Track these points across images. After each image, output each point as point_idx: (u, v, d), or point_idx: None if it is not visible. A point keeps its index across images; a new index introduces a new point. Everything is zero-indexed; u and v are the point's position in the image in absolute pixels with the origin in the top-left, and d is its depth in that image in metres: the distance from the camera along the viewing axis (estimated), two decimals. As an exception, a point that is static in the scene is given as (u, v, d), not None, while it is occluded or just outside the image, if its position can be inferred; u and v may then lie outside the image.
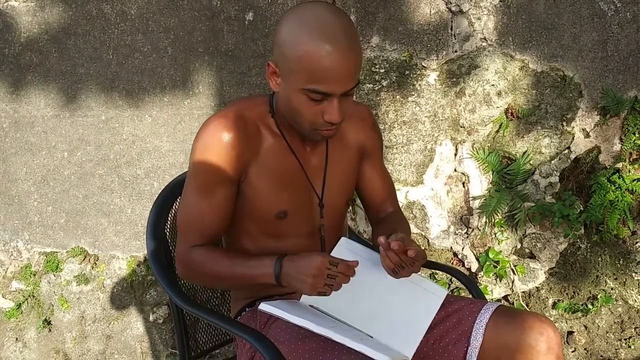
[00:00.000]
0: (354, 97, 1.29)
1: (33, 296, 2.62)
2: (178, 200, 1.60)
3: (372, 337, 1.28)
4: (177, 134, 2.44)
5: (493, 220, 2.30)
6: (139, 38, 2.43)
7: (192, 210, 1.35)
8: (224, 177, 1.31)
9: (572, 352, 2.27)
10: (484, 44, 2.25)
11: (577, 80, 2.23)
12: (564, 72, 2.23)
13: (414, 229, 2.36)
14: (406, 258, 1.26)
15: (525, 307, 2.31)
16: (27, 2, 2.49)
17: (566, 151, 2.27)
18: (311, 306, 1.32)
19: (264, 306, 1.20)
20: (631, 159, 2.22)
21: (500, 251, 2.30)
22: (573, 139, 2.26)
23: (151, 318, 2.54)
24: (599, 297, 2.24)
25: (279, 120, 1.35)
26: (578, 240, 2.27)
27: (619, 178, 2.19)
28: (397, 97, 2.31)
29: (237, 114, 1.32)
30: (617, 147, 2.24)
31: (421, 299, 1.32)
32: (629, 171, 2.21)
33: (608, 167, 2.24)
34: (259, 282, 1.29)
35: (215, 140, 1.29)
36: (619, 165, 2.22)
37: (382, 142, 1.58)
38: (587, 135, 2.26)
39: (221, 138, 1.28)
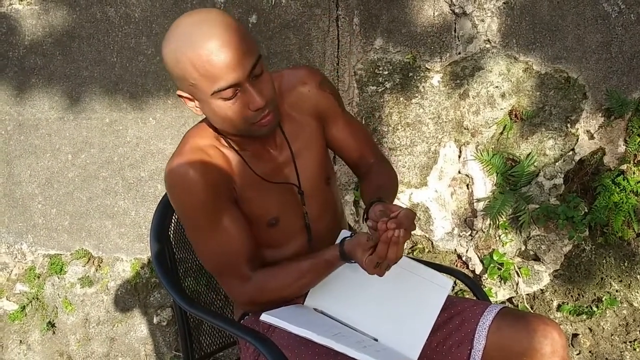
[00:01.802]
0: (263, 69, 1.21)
1: (37, 298, 2.62)
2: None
3: (376, 341, 1.27)
4: (180, 136, 2.43)
5: (497, 222, 2.30)
6: (142, 41, 2.43)
7: (216, 252, 1.30)
8: (219, 204, 1.28)
9: (577, 354, 2.27)
10: (488, 45, 2.25)
11: (581, 82, 2.22)
12: (568, 73, 2.23)
13: (418, 232, 2.36)
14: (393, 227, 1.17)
15: (530, 309, 2.31)
16: (32, 5, 2.50)
17: (570, 153, 2.26)
18: (316, 309, 1.32)
19: (265, 317, 1.19)
20: (636, 161, 2.22)
21: (505, 253, 2.30)
22: (577, 140, 2.26)
23: (155, 320, 2.54)
24: (603, 299, 2.23)
25: (229, 137, 1.31)
26: (583, 242, 2.26)
27: (624, 180, 2.19)
28: (401, 99, 2.31)
29: (191, 146, 1.29)
30: (622, 148, 2.24)
31: (426, 293, 1.30)
32: (634, 173, 2.20)
33: (612, 168, 2.24)
34: (332, 268, 1.29)
35: (188, 178, 1.24)
36: (624, 167, 2.22)
37: (338, 96, 1.46)
38: (592, 137, 2.25)
39: (191, 174, 1.24)
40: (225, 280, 1.34)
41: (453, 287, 2.35)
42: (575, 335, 2.27)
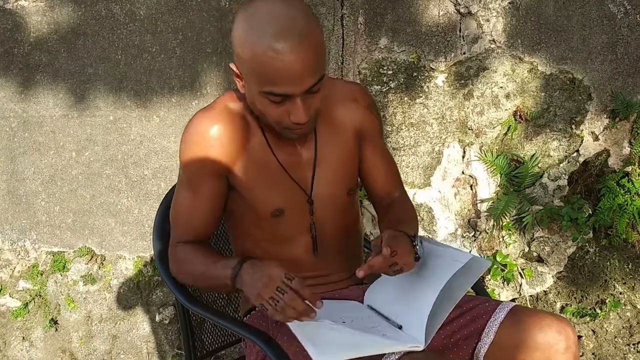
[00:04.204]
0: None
1: (40, 296, 2.62)
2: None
3: (401, 328, 1.26)
4: (184, 134, 2.44)
5: (501, 223, 2.29)
6: (147, 38, 2.43)
7: (180, 204, 1.36)
8: (210, 170, 1.30)
9: (580, 356, 2.26)
10: (493, 45, 2.24)
11: (586, 83, 2.21)
12: (573, 74, 2.22)
13: (421, 232, 2.36)
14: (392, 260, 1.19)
15: (533, 310, 2.30)
16: (37, 2, 2.50)
17: (575, 154, 2.26)
18: (369, 306, 1.34)
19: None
20: (641, 163, 2.21)
21: (508, 254, 2.29)
22: (582, 142, 2.25)
23: (157, 318, 2.54)
24: (607, 301, 2.22)
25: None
26: (586, 244, 2.26)
27: (628, 182, 2.18)
28: (405, 98, 2.31)
29: (222, 107, 1.30)
30: (627, 150, 2.23)
31: (441, 271, 1.25)
32: (638, 175, 2.19)
33: (617, 170, 2.23)
34: (222, 283, 1.24)
35: (200, 134, 1.28)
36: (628, 169, 2.21)
37: (382, 124, 1.48)
38: (596, 139, 2.24)
39: (205, 132, 1.27)
40: (172, 231, 1.39)
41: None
42: (578, 337, 2.27)
